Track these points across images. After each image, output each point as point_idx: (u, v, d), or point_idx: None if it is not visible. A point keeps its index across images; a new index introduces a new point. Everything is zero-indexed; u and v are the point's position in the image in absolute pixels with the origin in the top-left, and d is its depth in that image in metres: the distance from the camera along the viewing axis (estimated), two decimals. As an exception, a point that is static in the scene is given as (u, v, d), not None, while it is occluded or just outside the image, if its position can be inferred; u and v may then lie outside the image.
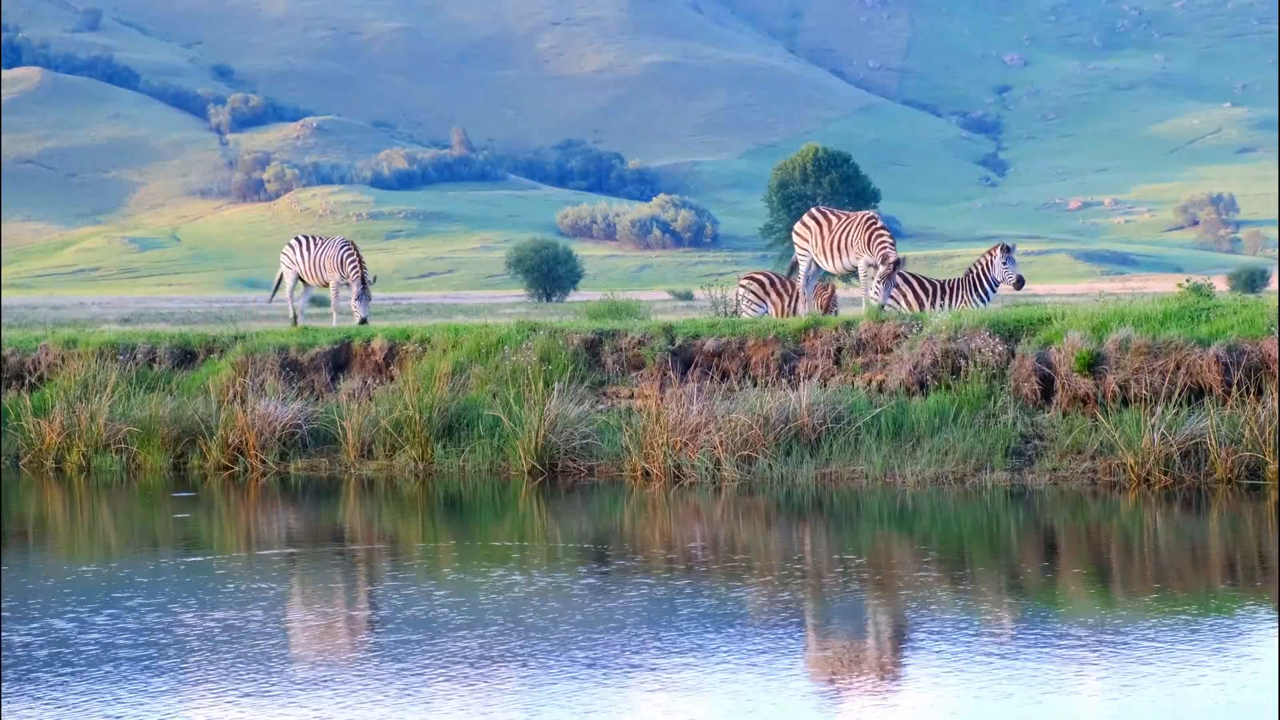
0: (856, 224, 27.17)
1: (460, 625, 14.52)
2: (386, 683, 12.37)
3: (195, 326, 36.95)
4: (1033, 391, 22.99)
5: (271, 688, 12.26)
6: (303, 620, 14.85)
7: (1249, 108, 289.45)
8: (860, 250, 26.91)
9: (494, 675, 12.58)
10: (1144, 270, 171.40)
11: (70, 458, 26.56)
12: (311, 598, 16.07)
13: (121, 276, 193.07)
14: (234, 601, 15.61)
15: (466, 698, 11.93)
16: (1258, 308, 23.48)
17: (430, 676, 12.57)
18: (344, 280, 30.33)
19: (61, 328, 34.87)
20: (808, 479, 22.77)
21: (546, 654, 13.19)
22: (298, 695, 12.03)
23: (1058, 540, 19.17)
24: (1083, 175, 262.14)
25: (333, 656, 13.29)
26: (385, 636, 14.10)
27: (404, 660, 13.15)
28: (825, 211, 27.87)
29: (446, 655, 13.29)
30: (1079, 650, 13.11)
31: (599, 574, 16.99)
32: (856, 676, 12.62)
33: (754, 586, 16.15)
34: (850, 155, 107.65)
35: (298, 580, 17.14)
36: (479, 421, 24.82)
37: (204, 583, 16.74)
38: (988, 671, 12.53)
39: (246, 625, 14.44)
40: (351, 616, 14.96)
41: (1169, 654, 12.81)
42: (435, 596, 16.00)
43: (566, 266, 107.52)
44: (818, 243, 27.34)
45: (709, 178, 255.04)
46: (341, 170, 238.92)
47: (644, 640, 13.66)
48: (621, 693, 12.07)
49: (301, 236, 31.50)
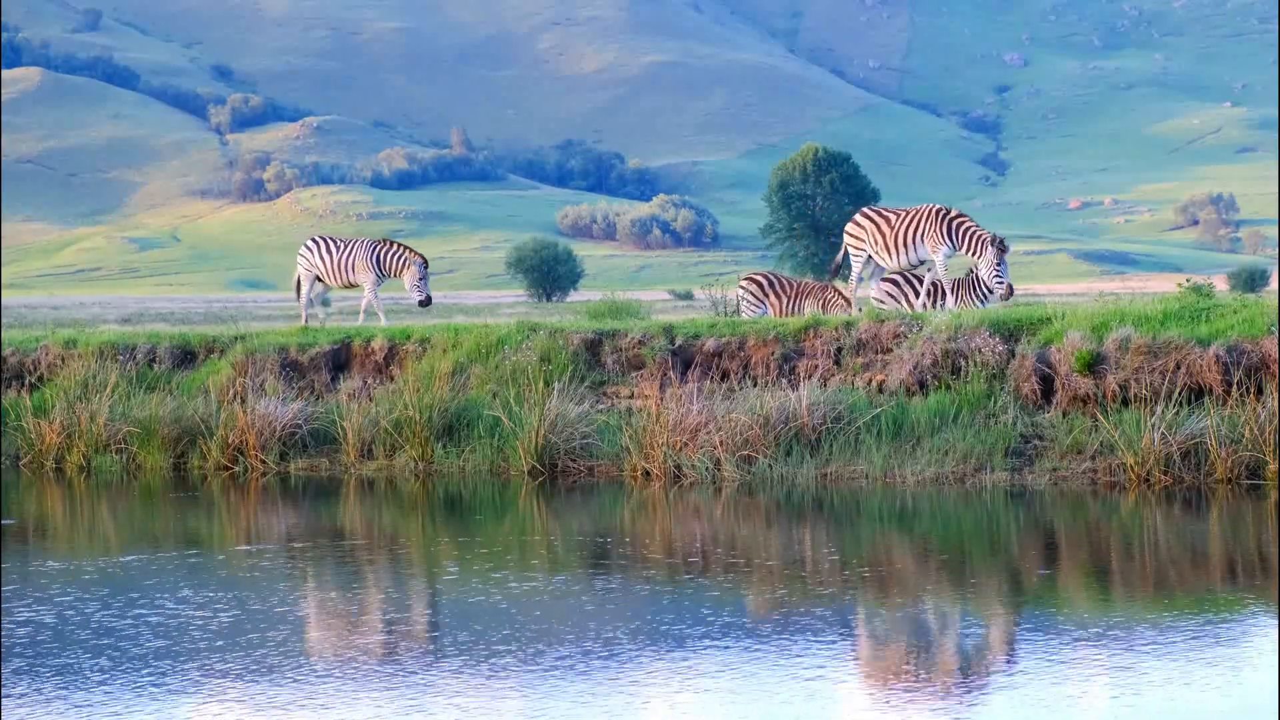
0: (925, 217, 27.22)
1: (459, 625, 14.51)
2: (385, 683, 12.36)
3: (195, 326, 36.95)
4: (1033, 391, 22.99)
5: (271, 688, 12.26)
6: (302, 620, 14.84)
7: (1249, 108, 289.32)
8: (938, 242, 26.97)
9: (493, 675, 12.58)
10: (1144, 270, 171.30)
11: (70, 458, 26.55)
12: (311, 598, 16.06)
13: (121, 276, 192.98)
14: (234, 601, 15.61)
15: (466, 698, 11.93)
16: (1258, 308, 23.48)
17: (429, 676, 12.57)
18: (389, 275, 30.02)
19: (61, 328, 34.86)
20: (808, 479, 22.76)
21: (546, 654, 13.19)
22: (297, 694, 12.03)
23: (1058, 540, 19.16)
24: (1083, 175, 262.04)
25: (332, 656, 13.28)
26: (384, 637, 14.10)
27: (403, 660, 13.15)
28: (880, 209, 28.06)
29: (446, 655, 13.29)
30: (1079, 650, 13.11)
31: (599, 574, 16.99)
32: (857, 676, 12.62)
33: (754, 587, 16.15)
34: (850, 155, 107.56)
35: (297, 580, 17.13)
36: (479, 421, 24.81)
37: (204, 582, 16.74)
38: (988, 671, 12.53)
39: (247, 625, 14.43)
40: (351, 617, 14.96)
41: (1169, 654, 12.81)
42: (435, 597, 16.01)
43: (566, 266, 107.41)
44: (877, 240, 27.38)
45: (709, 178, 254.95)
46: (341, 170, 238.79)
47: (644, 640, 13.66)
48: (621, 693, 12.07)
49: (320, 238, 31.07)
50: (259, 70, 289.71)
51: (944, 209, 27.53)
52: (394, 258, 30.00)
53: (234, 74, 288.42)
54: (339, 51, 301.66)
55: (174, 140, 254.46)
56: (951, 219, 27.22)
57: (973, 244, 27.13)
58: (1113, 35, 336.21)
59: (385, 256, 30.05)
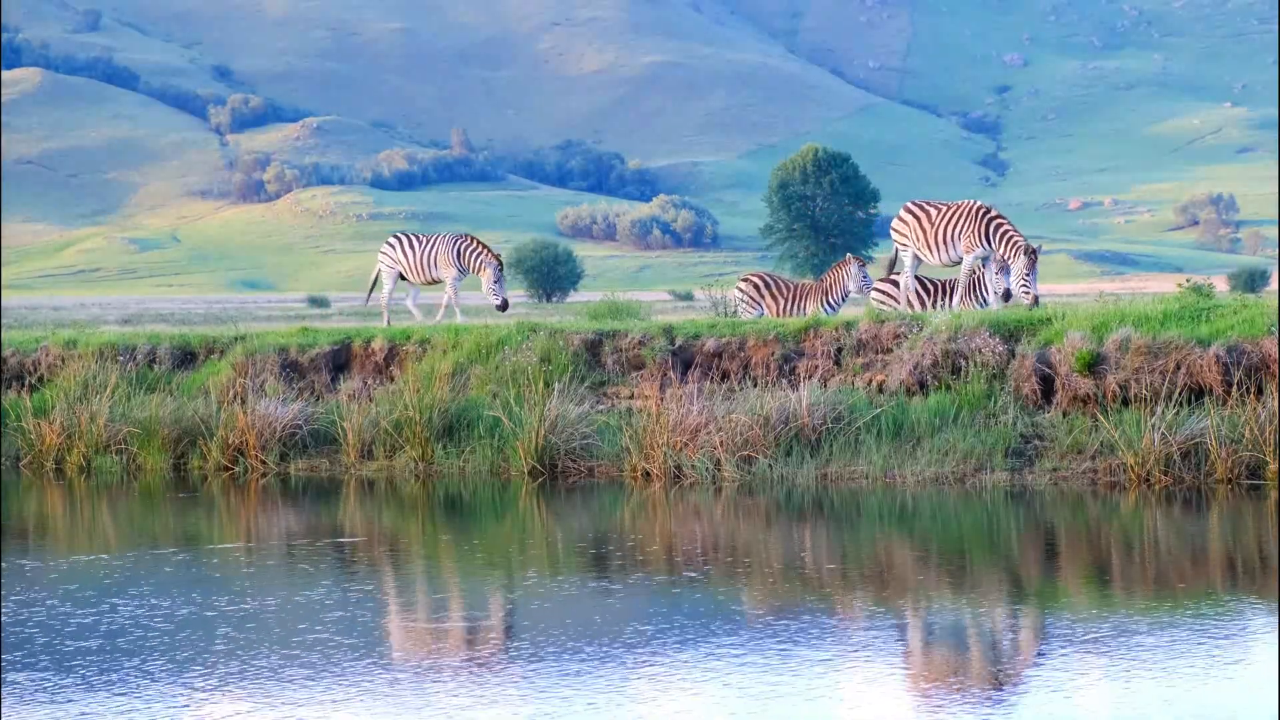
0: (965, 214, 26.93)
1: (459, 626, 14.52)
2: (384, 683, 12.36)
3: (195, 327, 36.94)
4: (1033, 391, 22.99)
5: (271, 687, 12.26)
6: (302, 621, 14.83)
7: (1249, 108, 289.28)
8: (974, 243, 26.70)
9: (494, 675, 12.58)
10: (1144, 270, 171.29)
11: (70, 459, 26.55)
12: (310, 599, 16.05)
13: (121, 277, 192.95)
14: (233, 602, 15.61)
15: (466, 698, 11.93)
16: (1258, 308, 23.48)
17: (429, 677, 12.57)
18: (469, 271, 29.86)
19: (61, 328, 34.86)
20: (808, 479, 22.76)
21: (546, 654, 13.19)
22: (297, 694, 12.03)
23: (1058, 540, 19.16)
24: (1083, 175, 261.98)
25: (331, 657, 13.28)
26: (383, 637, 14.10)
27: (401, 661, 13.15)
28: (924, 204, 27.69)
29: (444, 655, 13.29)
30: (1079, 650, 13.11)
31: (599, 575, 16.99)
32: (856, 676, 12.62)
33: (754, 587, 16.15)
34: (850, 155, 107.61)
35: (296, 580, 17.13)
36: (479, 422, 24.81)
37: (204, 583, 16.74)
38: (988, 671, 12.53)
39: (247, 625, 14.43)
40: (350, 618, 14.95)
41: (1169, 654, 12.81)
42: (434, 597, 16.00)
43: (566, 267, 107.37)
44: (919, 236, 27.12)
45: (709, 178, 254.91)
46: (341, 171, 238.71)
47: (644, 641, 13.66)
48: (622, 693, 12.07)
49: (401, 234, 30.95)
50: (259, 71, 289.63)
51: (985, 208, 27.09)
52: (473, 254, 29.88)
53: (234, 74, 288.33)
54: (339, 52, 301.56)
55: (174, 141, 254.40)
56: (990, 219, 26.82)
57: (1007, 247, 26.74)
58: (1113, 35, 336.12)
59: (465, 251, 29.89)
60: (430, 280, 30.21)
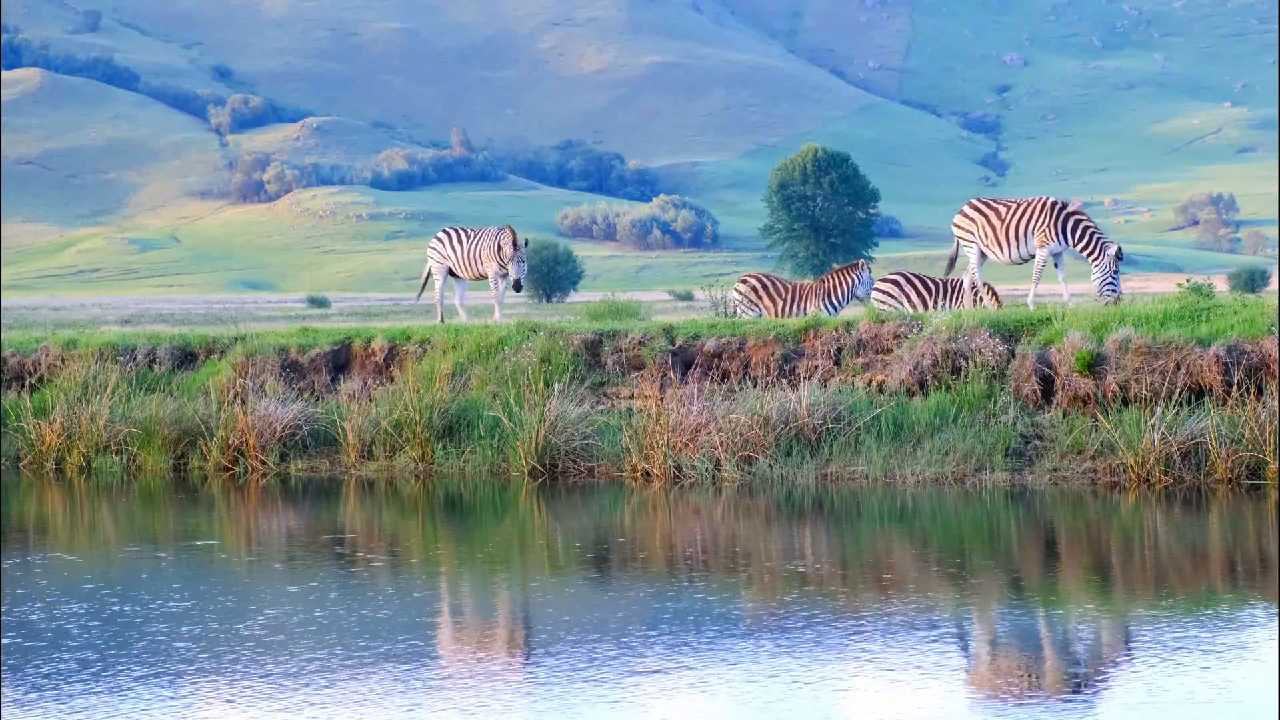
0: (1039, 209, 26.83)
1: (459, 626, 14.52)
2: (384, 683, 12.36)
3: (195, 327, 36.93)
4: (1033, 391, 22.99)
5: (271, 688, 12.26)
6: (301, 621, 14.83)
7: (1249, 108, 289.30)
8: (1049, 237, 26.62)
9: (493, 676, 12.58)
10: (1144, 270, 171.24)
11: (70, 459, 26.55)
12: (310, 599, 16.05)
13: (122, 277, 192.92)
14: (233, 602, 15.61)
15: (466, 698, 11.93)
16: (1258, 308, 23.48)
17: (429, 677, 12.57)
18: (503, 266, 29.32)
19: (61, 329, 34.86)
20: (808, 479, 22.77)
21: (546, 655, 13.19)
22: (297, 695, 12.03)
23: (1058, 540, 19.17)
24: (1083, 175, 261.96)
25: (331, 657, 13.28)
26: (384, 638, 14.10)
27: (402, 661, 13.14)
28: (990, 201, 27.64)
29: (444, 656, 13.29)
30: (1079, 650, 13.11)
31: (599, 575, 16.99)
32: (857, 677, 12.62)
33: (754, 587, 16.15)
34: (850, 155, 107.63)
35: (296, 581, 17.13)
36: (479, 422, 24.82)
37: (204, 583, 16.74)
38: (987, 671, 12.53)
39: (247, 625, 14.44)
40: (349, 618, 14.95)
41: (1169, 654, 12.81)
42: (434, 598, 16.00)
43: (566, 267, 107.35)
44: (987, 233, 27.04)
45: (709, 178, 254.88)
46: (341, 171, 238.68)
47: (644, 641, 13.66)
48: (622, 693, 12.07)
49: (451, 229, 30.63)
50: (259, 71, 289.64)
51: (1059, 202, 27.04)
52: (506, 244, 29.32)
53: (234, 75, 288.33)
54: (339, 52, 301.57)
55: (174, 141, 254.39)
56: (1068, 214, 26.74)
57: (1091, 243, 26.64)
58: (1113, 35, 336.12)
59: (504, 245, 29.52)
60: (478, 275, 29.86)
